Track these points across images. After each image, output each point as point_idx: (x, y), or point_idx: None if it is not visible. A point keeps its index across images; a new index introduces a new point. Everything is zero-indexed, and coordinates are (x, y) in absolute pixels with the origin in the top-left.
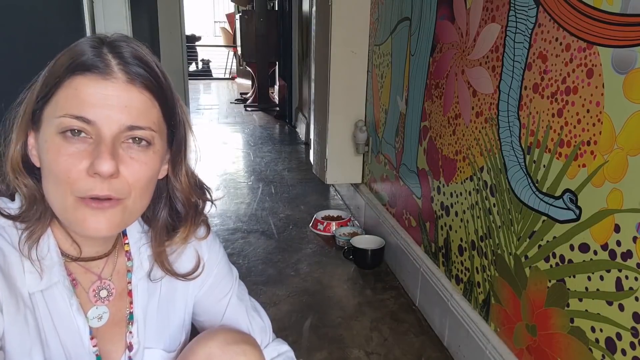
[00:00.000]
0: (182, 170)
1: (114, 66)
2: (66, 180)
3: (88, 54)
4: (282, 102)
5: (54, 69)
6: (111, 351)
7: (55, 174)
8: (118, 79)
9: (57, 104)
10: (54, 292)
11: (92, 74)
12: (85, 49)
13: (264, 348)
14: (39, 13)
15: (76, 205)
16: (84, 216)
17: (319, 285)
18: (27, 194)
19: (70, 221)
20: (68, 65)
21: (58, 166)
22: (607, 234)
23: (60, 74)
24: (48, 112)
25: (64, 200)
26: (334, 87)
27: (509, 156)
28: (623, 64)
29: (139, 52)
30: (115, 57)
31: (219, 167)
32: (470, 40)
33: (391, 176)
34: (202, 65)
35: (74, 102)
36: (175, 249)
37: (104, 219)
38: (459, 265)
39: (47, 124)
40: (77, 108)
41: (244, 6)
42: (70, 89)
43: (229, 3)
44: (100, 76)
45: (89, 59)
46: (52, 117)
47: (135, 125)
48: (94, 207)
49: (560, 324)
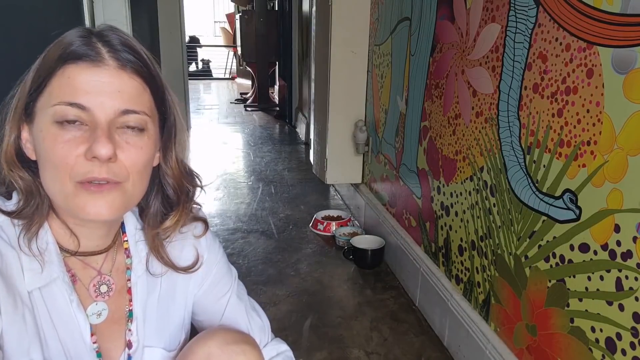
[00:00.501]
0: (173, 156)
1: (105, 53)
2: (64, 167)
3: (78, 43)
4: (282, 102)
5: (45, 61)
6: (110, 349)
7: (53, 162)
8: (109, 65)
9: (50, 94)
10: (53, 289)
11: (83, 62)
12: (74, 39)
13: (263, 347)
14: (39, 13)
15: (76, 192)
16: (84, 201)
17: (319, 285)
18: (23, 186)
19: (71, 208)
20: (59, 55)
21: (55, 153)
22: (607, 234)
23: (51, 64)
24: (41, 103)
25: (63, 187)
26: (334, 87)
27: (509, 156)
28: (623, 64)
29: (127, 39)
30: (105, 45)
31: (219, 167)
32: (470, 40)
33: (391, 176)
34: (202, 65)
35: (67, 90)
36: (169, 238)
37: (104, 202)
38: (459, 265)
39: (42, 114)
40: (70, 95)
41: (244, 6)
42: (63, 78)
43: (229, 3)
44: (92, 64)
45: (79, 48)
46: (46, 107)
47: (130, 109)
48: (94, 191)
49: (560, 324)
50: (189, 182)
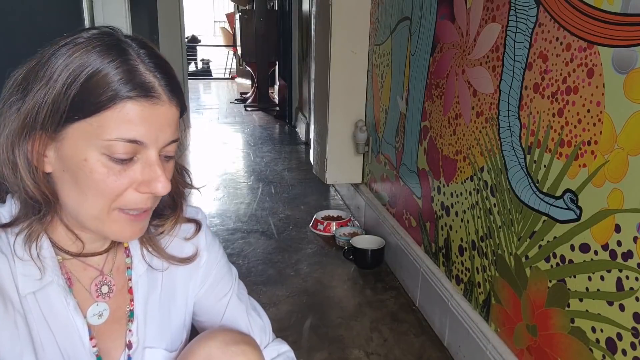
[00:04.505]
0: (173, 162)
1: (159, 87)
2: (111, 196)
3: (139, 76)
4: (282, 102)
5: (90, 88)
6: (110, 349)
7: (100, 190)
8: (164, 101)
9: (102, 127)
10: (48, 293)
11: (143, 98)
12: (136, 66)
13: (264, 348)
14: (39, 13)
15: (115, 218)
16: (122, 227)
17: (319, 285)
18: (37, 196)
19: (103, 230)
20: (116, 89)
21: (106, 185)
22: (608, 234)
23: (106, 95)
24: (84, 130)
25: (101, 212)
26: (334, 87)
27: (509, 156)
28: (623, 64)
29: (165, 64)
30: (156, 77)
31: (219, 167)
32: (470, 40)
33: (391, 176)
34: (202, 65)
35: (124, 127)
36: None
37: (139, 228)
38: (459, 266)
39: (85, 141)
40: (127, 132)
41: (244, 6)
42: (122, 114)
43: (229, 3)
44: (151, 100)
45: (142, 84)
46: (93, 138)
47: (173, 140)
48: (133, 219)
49: (561, 324)
50: (182, 183)
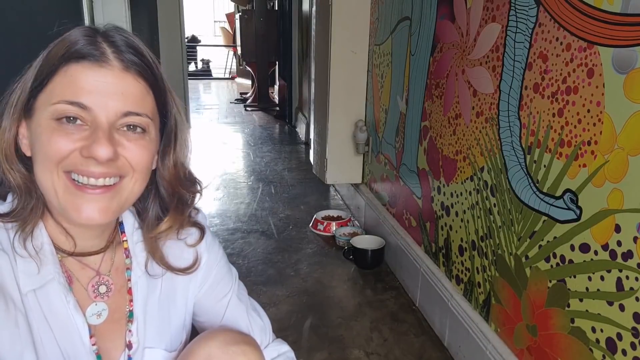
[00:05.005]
0: (171, 160)
1: (109, 54)
2: (57, 157)
3: (82, 41)
4: (282, 102)
5: (48, 58)
6: (110, 349)
7: (46, 152)
8: (114, 66)
9: (51, 92)
10: (48, 291)
11: (87, 61)
12: (78, 37)
13: (264, 348)
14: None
15: (65, 186)
16: (75, 200)
17: (319, 285)
18: (19, 183)
19: (63, 207)
20: (63, 53)
21: (50, 146)
22: (608, 234)
23: (54, 62)
24: (42, 100)
25: (53, 178)
26: (334, 87)
27: (509, 156)
28: (623, 64)
29: (132, 41)
30: (110, 46)
31: (219, 167)
32: (470, 40)
33: (391, 176)
34: (202, 65)
35: (69, 89)
36: (167, 239)
37: (96, 205)
38: (460, 266)
39: (41, 111)
40: (72, 94)
41: (244, 6)
42: (66, 77)
43: (229, 3)
44: (96, 64)
45: (84, 47)
46: (46, 105)
47: (132, 112)
48: (84, 192)
49: (561, 324)
50: (186, 187)
